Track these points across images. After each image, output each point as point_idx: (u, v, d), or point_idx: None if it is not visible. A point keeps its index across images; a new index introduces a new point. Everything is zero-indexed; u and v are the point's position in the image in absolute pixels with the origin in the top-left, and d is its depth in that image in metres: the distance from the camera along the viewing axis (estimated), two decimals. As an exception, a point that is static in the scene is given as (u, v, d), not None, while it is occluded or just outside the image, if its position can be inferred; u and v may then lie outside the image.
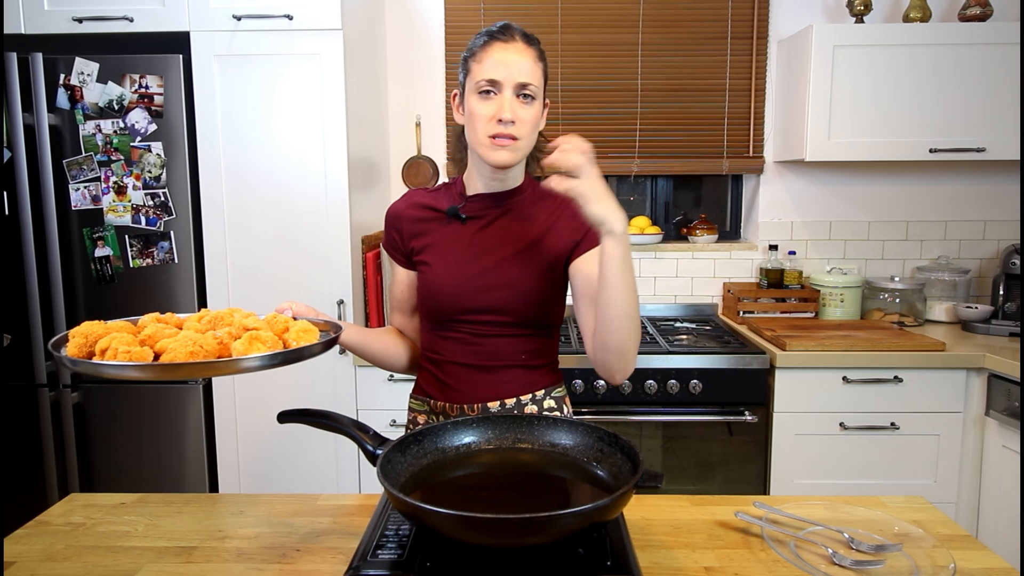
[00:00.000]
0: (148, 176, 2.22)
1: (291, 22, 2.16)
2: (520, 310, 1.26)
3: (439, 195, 1.35)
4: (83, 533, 1.12)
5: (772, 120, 2.81)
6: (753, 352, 2.27)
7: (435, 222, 1.32)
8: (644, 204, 3.07)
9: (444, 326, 1.30)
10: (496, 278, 1.26)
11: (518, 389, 1.30)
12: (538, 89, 1.22)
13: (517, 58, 1.19)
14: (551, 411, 1.34)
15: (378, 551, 0.93)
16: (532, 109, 1.21)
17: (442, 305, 1.28)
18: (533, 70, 1.20)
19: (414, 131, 2.81)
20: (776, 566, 1.00)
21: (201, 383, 2.30)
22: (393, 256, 1.39)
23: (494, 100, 1.19)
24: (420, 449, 1.06)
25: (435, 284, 1.28)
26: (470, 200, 1.31)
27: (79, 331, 0.95)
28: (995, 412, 2.17)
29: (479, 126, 1.20)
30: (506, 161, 1.21)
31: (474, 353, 1.29)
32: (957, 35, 2.38)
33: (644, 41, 2.76)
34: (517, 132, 1.19)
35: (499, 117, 1.18)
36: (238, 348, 0.93)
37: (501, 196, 1.30)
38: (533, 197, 1.31)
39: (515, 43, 1.20)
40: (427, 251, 1.31)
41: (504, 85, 1.18)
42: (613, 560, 0.90)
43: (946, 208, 2.83)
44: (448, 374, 1.31)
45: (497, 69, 1.18)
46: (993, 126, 2.41)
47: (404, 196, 1.38)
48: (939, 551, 1.01)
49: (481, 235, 1.29)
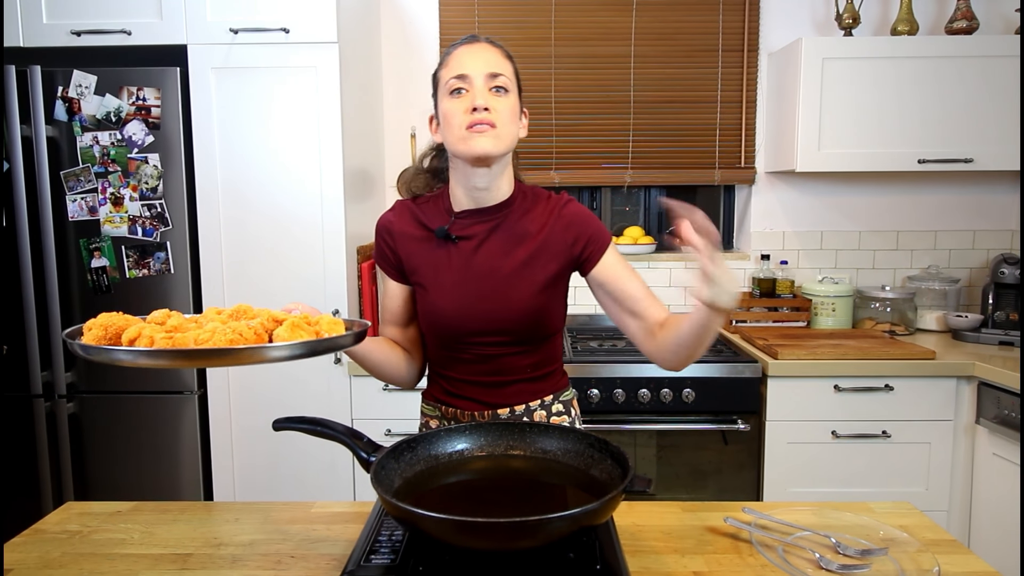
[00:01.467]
0: (145, 187, 2.24)
1: (287, 35, 2.19)
2: (522, 330, 1.26)
3: (428, 209, 1.31)
4: (79, 541, 1.13)
5: (763, 131, 2.84)
6: (745, 361, 2.29)
7: (426, 242, 1.29)
8: (637, 214, 3.10)
9: (449, 347, 1.30)
10: (495, 302, 1.24)
11: (527, 397, 1.32)
12: (510, 82, 1.21)
13: (484, 53, 1.20)
14: (559, 415, 1.35)
15: (371, 556, 0.95)
16: (507, 100, 1.19)
17: (445, 330, 1.27)
18: (502, 63, 1.21)
19: (409, 143, 2.84)
20: (764, 570, 1.01)
21: (197, 393, 2.31)
22: (386, 270, 1.35)
23: (466, 96, 1.18)
24: (413, 456, 1.07)
25: (435, 309, 1.27)
26: (458, 218, 1.27)
27: (96, 323, 0.91)
28: (985, 420, 2.19)
29: (454, 123, 1.17)
30: (486, 149, 1.16)
31: (481, 371, 1.30)
32: (944, 48, 2.42)
33: (636, 54, 2.80)
34: (494, 119, 1.16)
35: (473, 106, 1.16)
36: (282, 335, 0.91)
37: (489, 211, 1.26)
38: (522, 208, 1.28)
39: (479, 43, 1.21)
40: (421, 273, 1.29)
41: (473, 77, 1.18)
42: (603, 564, 0.92)
43: (936, 218, 2.86)
44: (457, 387, 1.33)
45: (463, 64, 1.19)
46: (981, 137, 2.45)
47: (394, 207, 1.35)
48: (924, 555, 1.03)
49: (475, 258, 1.26)
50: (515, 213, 1.28)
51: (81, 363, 2.31)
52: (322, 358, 2.29)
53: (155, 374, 2.30)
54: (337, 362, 2.30)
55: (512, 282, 1.25)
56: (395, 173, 2.84)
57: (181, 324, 0.94)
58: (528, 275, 1.25)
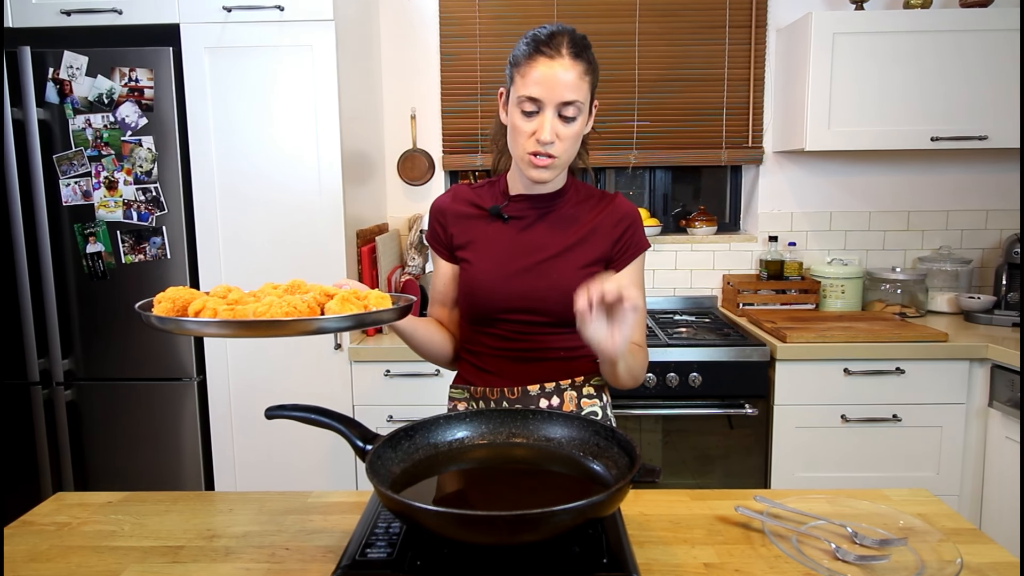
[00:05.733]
0: (139, 171, 2.19)
1: (282, 13, 2.13)
2: (559, 311, 1.26)
3: (483, 192, 1.35)
4: (68, 533, 1.10)
5: (771, 110, 2.77)
6: (753, 344, 2.24)
7: (478, 220, 1.33)
8: (642, 196, 3.04)
9: (483, 323, 1.31)
10: (536, 279, 1.26)
11: (559, 376, 1.31)
12: (583, 104, 1.19)
13: (562, 75, 1.15)
14: (590, 398, 1.34)
15: (367, 550, 0.91)
16: (574, 126, 1.19)
17: (482, 303, 1.29)
18: (578, 86, 1.17)
19: (409, 124, 2.78)
20: (778, 562, 0.97)
21: (196, 380, 2.28)
22: (436, 249, 1.38)
23: (535, 119, 1.18)
24: (412, 445, 1.03)
25: (475, 282, 1.29)
26: (512, 200, 1.31)
27: (165, 296, 0.99)
28: (998, 403, 2.14)
29: (520, 141, 1.20)
30: (544, 179, 1.22)
31: (515, 348, 1.30)
32: (959, 21, 2.35)
33: (641, 31, 2.73)
34: (556, 151, 1.19)
35: (538, 138, 1.17)
36: (333, 308, 0.96)
37: (543, 198, 1.30)
38: (576, 199, 1.32)
39: (560, 59, 1.15)
40: (469, 248, 1.32)
41: (546, 104, 1.16)
42: (609, 557, 0.88)
43: (948, 198, 2.79)
44: (487, 364, 1.33)
45: (539, 88, 1.15)
46: (995, 114, 2.38)
47: (449, 191, 1.39)
48: (945, 545, 0.99)
49: (522, 236, 1.29)
50: (568, 202, 1.32)
51: (78, 350, 2.28)
52: (322, 345, 2.26)
53: (156, 360, 2.27)
54: (338, 348, 2.26)
55: (555, 262, 1.27)
56: (395, 156, 2.80)
57: (241, 298, 1.01)
58: (572, 258, 1.27)
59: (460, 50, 2.74)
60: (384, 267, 2.46)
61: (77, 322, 2.27)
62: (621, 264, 1.30)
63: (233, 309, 0.94)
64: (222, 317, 0.92)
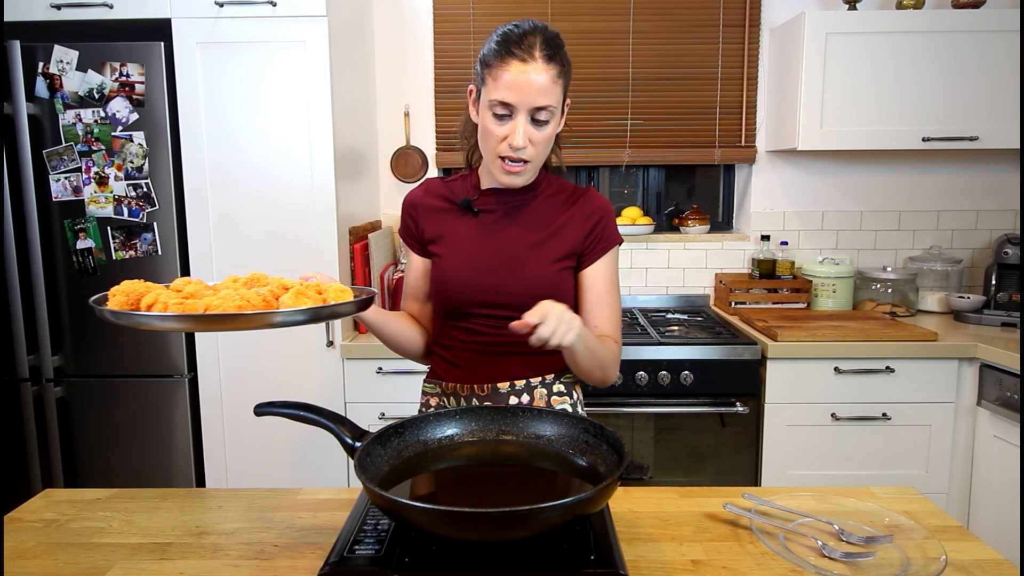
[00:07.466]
0: (130, 166, 2.18)
1: (274, 8, 2.12)
2: (529, 305, 1.22)
3: (455, 186, 1.35)
4: (55, 530, 1.09)
5: (764, 109, 2.78)
6: (745, 343, 2.25)
7: (449, 213, 1.32)
8: (635, 194, 3.04)
9: (454, 317, 1.30)
10: (506, 274, 1.26)
11: (529, 372, 1.31)
12: (556, 107, 1.18)
13: (536, 79, 1.13)
14: (560, 395, 1.33)
15: (356, 547, 0.91)
16: (547, 129, 1.18)
17: (452, 297, 1.28)
18: (551, 90, 1.15)
19: (402, 121, 2.78)
20: (765, 559, 0.98)
21: (187, 376, 2.27)
22: (409, 244, 1.38)
23: (507, 123, 1.16)
24: (401, 442, 1.04)
25: (446, 276, 1.28)
26: (483, 194, 1.30)
27: (120, 289, 0.98)
28: (987, 402, 2.15)
29: (491, 144, 1.19)
30: (515, 184, 1.23)
31: (484, 343, 1.29)
32: (951, 22, 2.36)
33: (635, 29, 2.73)
34: (528, 155, 1.19)
35: (511, 143, 1.16)
36: (287, 302, 0.95)
37: (514, 192, 1.29)
38: (547, 193, 1.31)
39: (533, 63, 1.13)
40: (440, 242, 1.31)
41: (518, 109, 1.15)
42: (597, 554, 0.88)
43: (939, 198, 2.81)
44: (458, 358, 1.32)
45: (511, 93, 1.14)
46: (987, 114, 2.39)
47: (422, 184, 1.39)
48: (930, 542, 1.00)
49: (493, 229, 1.29)
50: (540, 196, 1.31)
51: (68, 346, 2.27)
52: (315, 342, 2.25)
53: (146, 356, 2.26)
54: (330, 345, 2.26)
55: (526, 256, 1.26)
56: (388, 153, 2.79)
57: (197, 291, 0.99)
58: (543, 252, 1.27)
59: (454, 47, 2.73)
60: (377, 264, 2.45)
61: (67, 318, 2.25)
62: (592, 258, 1.29)
63: (183, 304, 0.92)
64: (172, 311, 0.91)
